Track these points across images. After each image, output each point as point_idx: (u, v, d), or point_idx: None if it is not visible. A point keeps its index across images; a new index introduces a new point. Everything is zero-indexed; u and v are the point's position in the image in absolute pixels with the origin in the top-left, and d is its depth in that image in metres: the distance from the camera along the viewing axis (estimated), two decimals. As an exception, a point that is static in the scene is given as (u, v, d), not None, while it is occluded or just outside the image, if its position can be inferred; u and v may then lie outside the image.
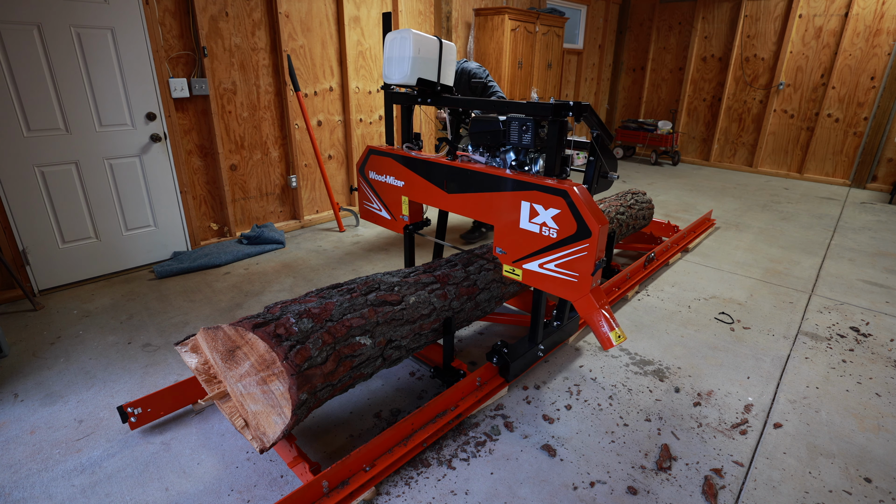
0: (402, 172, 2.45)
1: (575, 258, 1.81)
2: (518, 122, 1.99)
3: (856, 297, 3.30)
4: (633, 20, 8.10)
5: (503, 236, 2.02)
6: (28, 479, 1.80)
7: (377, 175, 2.62)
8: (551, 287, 1.92)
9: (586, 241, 1.75)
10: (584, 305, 1.85)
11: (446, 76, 2.42)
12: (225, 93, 3.82)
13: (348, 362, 1.79)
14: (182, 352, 1.95)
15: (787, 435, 2.05)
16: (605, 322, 1.83)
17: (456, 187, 2.18)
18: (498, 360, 2.28)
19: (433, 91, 2.36)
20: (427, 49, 2.28)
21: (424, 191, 2.36)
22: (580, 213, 1.74)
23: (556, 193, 1.79)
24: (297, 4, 4.07)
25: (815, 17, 6.31)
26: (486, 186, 2.05)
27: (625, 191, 3.91)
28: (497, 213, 2.02)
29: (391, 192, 2.57)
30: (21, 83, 2.93)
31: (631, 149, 8.22)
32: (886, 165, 6.18)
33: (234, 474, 1.83)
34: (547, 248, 1.88)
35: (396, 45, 2.29)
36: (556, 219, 1.82)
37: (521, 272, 2.00)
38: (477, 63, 3.60)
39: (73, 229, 3.30)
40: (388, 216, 2.67)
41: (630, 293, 3.24)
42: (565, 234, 1.81)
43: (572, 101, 1.83)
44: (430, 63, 2.32)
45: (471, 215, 2.16)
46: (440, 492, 1.76)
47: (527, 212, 1.90)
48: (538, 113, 1.92)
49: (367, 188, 2.72)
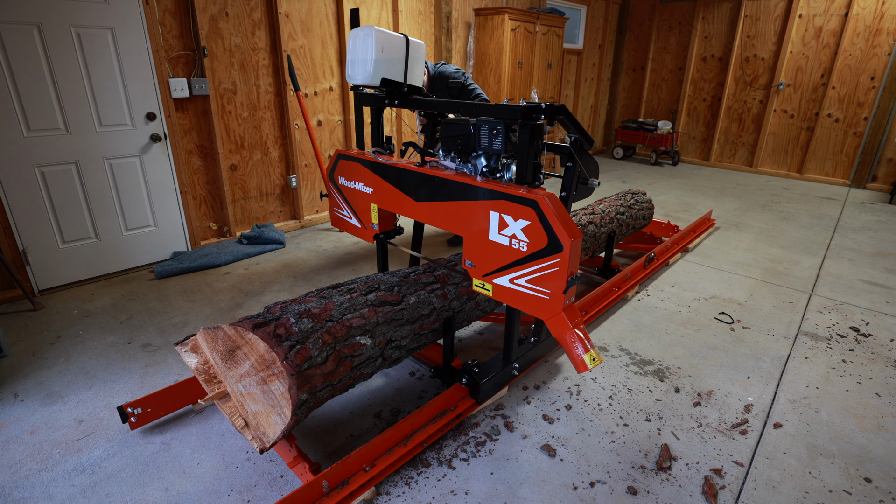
0: (370, 178, 2.33)
1: (546, 274, 1.69)
2: (488, 126, 1.86)
3: (856, 297, 3.30)
4: (633, 20, 8.10)
5: (472, 248, 1.90)
6: (28, 479, 1.80)
7: (346, 181, 2.50)
8: (522, 304, 1.81)
9: (557, 255, 1.64)
10: (556, 325, 1.74)
11: (414, 76, 2.30)
12: (225, 93, 3.82)
13: (348, 362, 1.79)
14: (182, 352, 1.95)
15: (787, 435, 2.05)
16: (579, 343, 1.72)
17: (424, 195, 2.06)
18: (468, 380, 2.14)
19: (400, 92, 2.25)
20: (392, 48, 2.15)
21: (393, 198, 2.24)
22: (551, 225, 1.63)
23: (525, 203, 1.68)
24: (297, 4, 4.07)
25: (815, 17, 6.31)
26: (454, 195, 1.93)
27: (625, 191, 3.91)
28: (465, 223, 1.91)
29: (360, 198, 2.44)
30: (21, 83, 2.93)
31: (631, 149, 8.22)
32: (886, 165, 6.18)
33: (234, 474, 1.83)
34: (517, 262, 1.76)
35: (359, 43, 2.15)
36: (526, 231, 1.70)
37: (491, 287, 1.89)
38: (456, 66, 3.50)
39: (73, 229, 3.30)
40: (359, 224, 2.53)
41: (630, 293, 3.24)
42: (536, 247, 1.69)
43: (545, 103, 1.71)
44: (396, 63, 2.19)
45: (440, 225, 2.05)
46: (440, 492, 1.76)
47: (496, 223, 1.79)
48: (507, 116, 1.78)
49: (337, 194, 2.60)
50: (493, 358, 2.28)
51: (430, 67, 3.27)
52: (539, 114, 1.73)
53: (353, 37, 2.20)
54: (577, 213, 3.38)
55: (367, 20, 4.60)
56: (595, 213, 3.38)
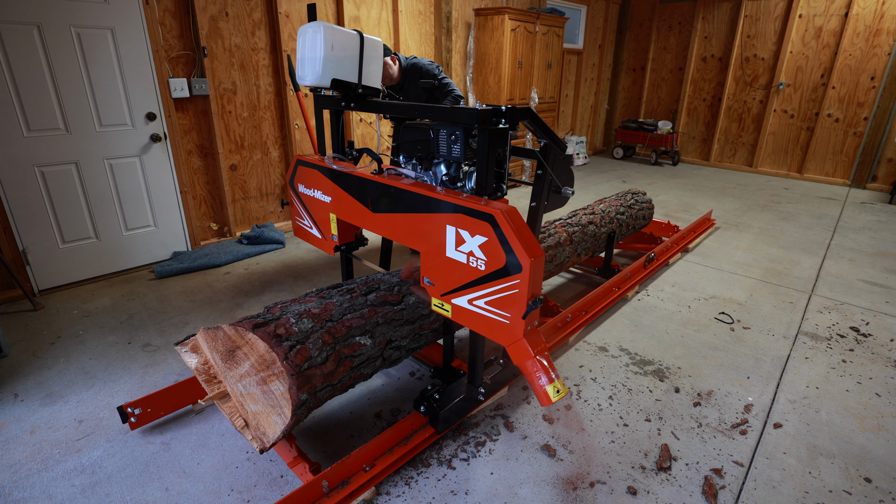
0: (328, 187, 2.17)
1: (505, 296, 1.55)
2: (446, 132, 1.71)
3: (856, 297, 3.30)
4: (633, 20, 8.10)
5: (430, 265, 1.76)
6: (28, 479, 1.80)
7: (306, 189, 2.35)
8: (482, 327, 1.67)
9: (516, 276, 1.49)
10: (517, 352, 1.60)
11: (370, 76, 2.13)
12: (225, 93, 3.82)
13: (348, 362, 1.79)
14: (182, 352, 1.95)
15: (787, 435, 2.05)
16: (542, 373, 1.58)
17: (381, 206, 1.91)
18: (426, 408, 1.96)
19: (355, 94, 2.09)
20: (343, 45, 1.99)
21: (350, 208, 2.08)
22: (508, 243, 1.48)
23: (481, 218, 1.53)
24: (297, 4, 4.07)
25: (815, 17, 6.31)
26: (410, 206, 1.78)
27: (625, 191, 3.91)
28: (422, 237, 1.76)
29: (320, 208, 2.29)
30: (21, 83, 2.93)
31: (631, 149, 8.22)
32: (886, 165, 6.18)
33: (234, 474, 1.83)
34: (475, 281, 1.62)
35: (308, 41, 1.98)
36: (483, 248, 1.55)
37: (450, 308, 1.74)
38: (430, 59, 3.30)
39: (73, 229, 3.30)
40: (319, 235, 2.38)
41: (630, 293, 3.24)
42: (494, 266, 1.54)
43: (506, 106, 1.55)
44: (348, 61, 2.02)
45: (397, 239, 1.89)
46: (440, 492, 1.76)
47: (453, 238, 1.64)
48: (464, 120, 1.63)
49: (298, 203, 2.46)
50: (456, 382, 2.11)
51: (402, 60, 3.13)
52: (499, 118, 1.58)
53: (301, 33, 2.02)
54: (577, 212, 3.38)
55: (368, 20, 4.60)
56: (595, 213, 3.38)
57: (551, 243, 2.89)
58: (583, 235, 3.12)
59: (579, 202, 5.50)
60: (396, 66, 3.06)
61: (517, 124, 1.62)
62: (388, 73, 3.03)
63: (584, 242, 3.13)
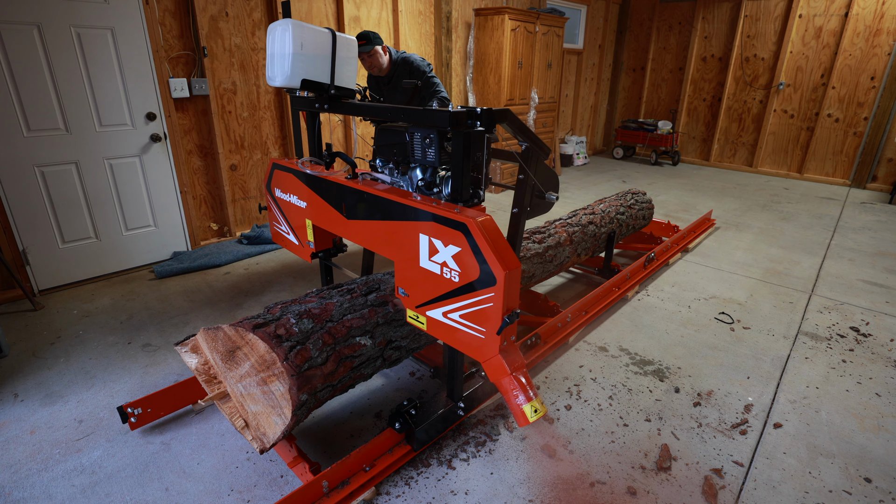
0: (304, 192, 2.10)
1: (480, 309, 1.47)
2: (420, 135, 1.64)
3: (856, 297, 3.30)
4: (633, 20, 8.10)
5: (404, 275, 1.69)
6: (28, 479, 1.80)
7: (282, 193, 2.28)
8: (457, 342, 1.60)
9: (490, 289, 1.42)
10: (492, 368, 1.53)
11: (343, 76, 2.03)
12: (225, 93, 3.82)
13: (348, 363, 1.79)
14: (182, 352, 1.95)
15: (787, 435, 2.05)
16: (519, 391, 1.51)
17: (354, 212, 1.84)
18: (401, 425, 1.84)
19: (329, 95, 2.01)
20: (314, 44, 1.90)
21: (325, 214, 2.01)
22: (482, 253, 1.40)
23: (454, 227, 1.45)
24: (297, 4, 4.07)
25: (815, 17, 6.31)
26: (383, 213, 1.72)
27: (625, 191, 3.91)
28: (395, 246, 1.69)
29: (296, 213, 2.23)
30: (21, 83, 2.93)
31: (631, 149, 8.22)
32: (886, 165, 6.18)
33: (234, 474, 1.83)
34: (449, 294, 1.54)
35: (277, 38, 1.89)
36: (457, 259, 1.48)
37: (425, 320, 1.68)
38: (421, 57, 3.20)
39: (73, 229, 3.30)
40: (296, 241, 2.31)
41: (630, 293, 3.24)
42: (468, 278, 1.47)
43: (481, 108, 1.48)
44: (320, 60, 1.94)
45: (371, 247, 1.83)
46: (440, 492, 1.76)
47: (426, 247, 1.57)
48: (437, 123, 1.55)
49: (275, 207, 2.39)
50: (435, 397, 2.03)
51: (392, 53, 3.08)
52: (475, 120, 1.49)
53: (271, 31, 1.93)
54: (577, 212, 3.38)
55: (368, 20, 4.60)
56: (595, 213, 3.38)
57: (551, 243, 2.89)
58: (583, 235, 3.12)
59: (579, 202, 5.50)
60: (387, 57, 3.03)
61: (494, 126, 1.54)
62: (378, 62, 3.00)
63: (584, 242, 3.13)
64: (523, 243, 2.78)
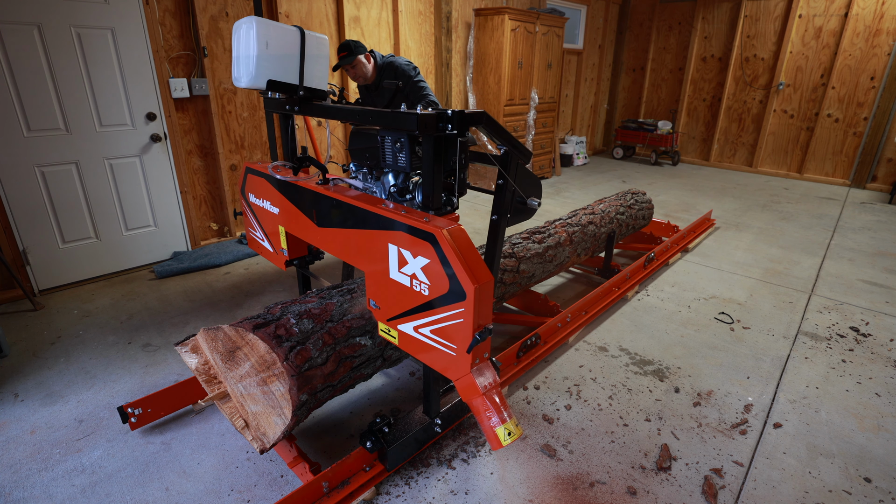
0: (276, 197, 2.03)
1: (449, 325, 1.39)
2: (391, 139, 1.56)
3: (855, 297, 3.30)
4: (633, 20, 8.10)
5: (374, 286, 1.62)
6: (28, 479, 1.80)
7: (256, 199, 2.21)
8: (429, 358, 1.52)
9: (460, 304, 1.33)
10: (464, 387, 1.45)
11: (314, 77, 1.94)
12: (225, 93, 3.82)
13: (348, 363, 1.79)
14: (182, 352, 1.96)
15: (786, 435, 2.05)
16: (493, 412, 1.42)
17: (325, 219, 1.77)
18: (373, 444, 1.75)
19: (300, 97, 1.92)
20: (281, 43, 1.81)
21: (297, 221, 1.94)
22: (451, 265, 1.32)
23: (422, 237, 1.37)
24: (297, 4, 4.07)
25: (815, 17, 6.31)
26: (352, 221, 1.64)
27: (625, 191, 3.91)
28: (366, 256, 1.62)
29: (270, 220, 2.15)
30: (21, 83, 2.93)
31: (631, 149, 8.23)
32: (886, 165, 6.18)
33: (235, 474, 1.83)
34: (419, 307, 1.46)
35: (242, 37, 1.79)
36: (426, 271, 1.39)
37: (396, 334, 1.61)
38: (407, 59, 3.10)
39: (74, 229, 3.30)
40: (270, 248, 2.24)
41: (630, 293, 3.24)
42: (437, 291, 1.38)
43: (452, 110, 1.39)
44: (288, 61, 1.85)
45: (342, 256, 1.75)
46: (440, 492, 1.76)
47: (395, 258, 1.48)
48: (404, 126, 1.44)
49: (250, 213, 2.32)
50: (410, 413, 1.92)
51: (377, 57, 2.99)
52: (446, 123, 1.39)
53: (236, 29, 1.83)
54: (577, 212, 3.39)
55: (368, 20, 4.60)
56: (595, 212, 3.38)
57: (551, 243, 2.89)
58: (583, 235, 3.13)
59: (579, 202, 5.50)
60: (371, 65, 2.96)
61: (467, 130, 1.45)
62: (363, 71, 2.95)
63: (584, 242, 3.13)
64: (523, 243, 2.78)
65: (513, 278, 2.59)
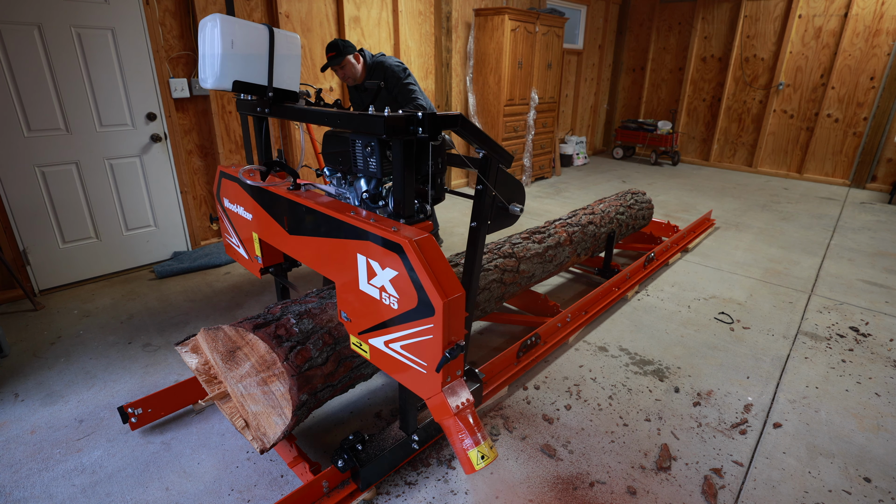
0: (249, 203, 1.97)
1: (419, 341, 1.32)
2: (361, 142, 1.48)
3: (855, 297, 3.30)
4: (633, 20, 8.10)
5: (345, 298, 1.55)
6: (28, 479, 1.80)
7: (230, 204, 2.13)
8: (400, 375, 1.45)
9: (429, 319, 1.26)
10: (436, 407, 1.37)
11: (284, 77, 1.86)
12: (225, 93, 3.82)
13: (349, 363, 1.79)
14: (182, 352, 1.96)
15: (786, 435, 2.05)
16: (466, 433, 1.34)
17: (295, 227, 1.70)
18: (345, 463, 1.67)
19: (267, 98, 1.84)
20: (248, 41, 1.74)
21: (269, 228, 1.87)
22: (418, 278, 1.25)
23: (389, 247, 1.30)
24: (297, 4, 4.07)
25: (815, 17, 6.32)
26: (321, 229, 1.57)
27: (624, 191, 3.91)
28: (335, 266, 1.55)
29: (244, 225, 2.08)
30: (21, 83, 2.93)
31: (631, 149, 8.23)
32: (886, 165, 6.18)
33: (235, 474, 1.83)
34: (389, 321, 1.40)
35: (207, 35, 1.71)
36: (394, 283, 1.32)
37: (367, 348, 1.54)
38: (398, 60, 2.99)
39: (74, 229, 3.30)
40: (245, 255, 2.17)
41: (630, 293, 3.24)
42: (407, 305, 1.32)
43: (423, 112, 1.32)
44: (255, 60, 1.77)
45: (312, 265, 1.69)
46: (440, 492, 1.76)
47: (364, 269, 1.42)
48: (371, 129, 1.36)
49: (225, 218, 2.25)
50: (385, 430, 1.84)
51: (367, 56, 2.92)
52: (416, 126, 1.32)
53: (201, 28, 1.74)
54: (576, 212, 3.39)
55: (368, 20, 4.60)
56: (595, 212, 3.38)
57: (551, 243, 2.89)
58: (582, 235, 3.13)
59: (579, 202, 5.50)
60: (360, 65, 2.93)
61: (439, 133, 1.37)
62: (352, 72, 2.92)
63: (584, 242, 3.13)
64: (523, 243, 2.78)
65: (513, 278, 2.59)
